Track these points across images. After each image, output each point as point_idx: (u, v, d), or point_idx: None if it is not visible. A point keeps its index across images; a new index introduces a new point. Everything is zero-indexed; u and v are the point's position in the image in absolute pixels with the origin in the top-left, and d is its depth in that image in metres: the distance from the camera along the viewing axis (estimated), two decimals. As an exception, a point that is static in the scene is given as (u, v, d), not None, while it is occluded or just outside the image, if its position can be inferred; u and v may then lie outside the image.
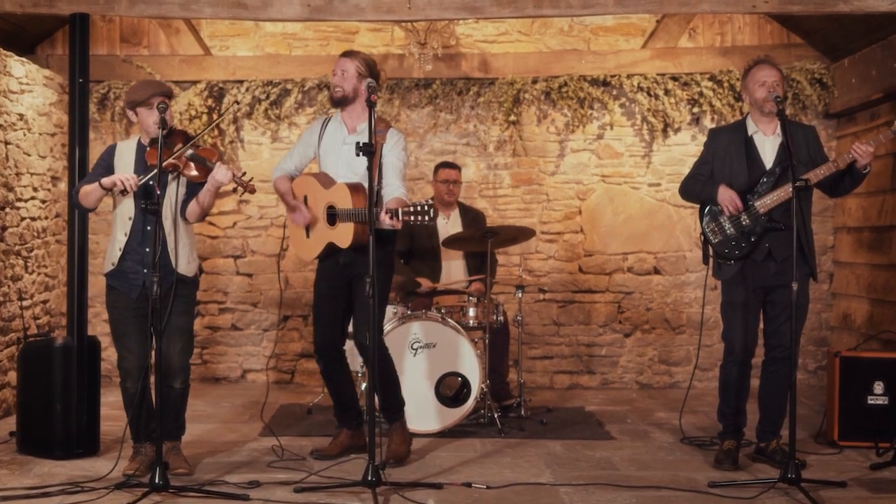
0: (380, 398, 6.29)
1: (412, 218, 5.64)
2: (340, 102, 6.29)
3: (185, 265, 5.95)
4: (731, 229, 6.27)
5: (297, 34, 9.47)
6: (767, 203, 6.17)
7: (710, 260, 6.43)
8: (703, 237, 6.45)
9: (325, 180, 6.28)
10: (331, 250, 6.26)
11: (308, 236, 6.38)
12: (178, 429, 6.20)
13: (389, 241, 6.35)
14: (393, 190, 6.17)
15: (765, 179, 6.23)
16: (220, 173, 5.75)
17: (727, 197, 6.22)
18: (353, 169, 6.13)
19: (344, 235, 6.11)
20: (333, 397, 6.57)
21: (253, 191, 5.91)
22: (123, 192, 5.74)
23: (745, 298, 6.31)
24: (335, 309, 6.40)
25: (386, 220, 5.74)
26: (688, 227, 9.38)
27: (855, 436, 6.89)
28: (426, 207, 5.63)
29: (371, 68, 6.25)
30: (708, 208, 6.41)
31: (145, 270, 5.82)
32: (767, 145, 6.33)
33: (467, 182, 9.29)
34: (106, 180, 5.74)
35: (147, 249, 5.81)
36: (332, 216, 6.19)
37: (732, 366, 6.41)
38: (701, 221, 6.46)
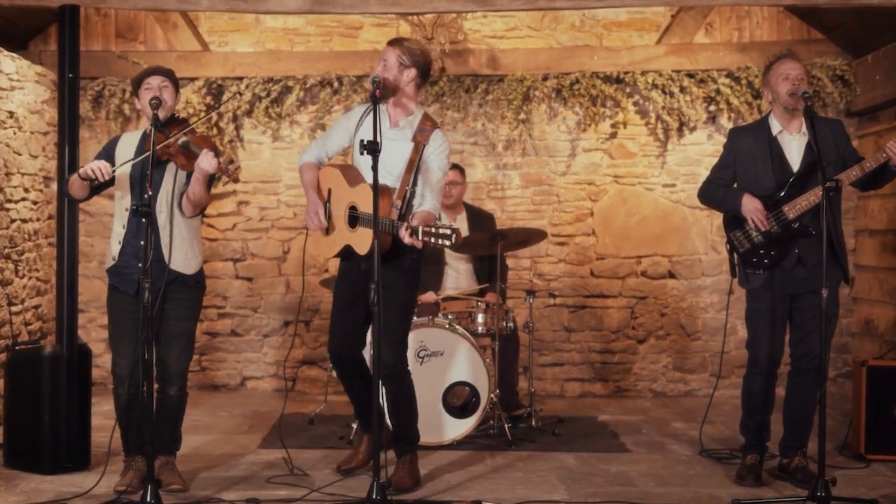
0: (394, 425, 5.93)
1: (431, 240, 5.28)
2: (383, 95, 5.71)
3: (180, 261, 5.64)
4: (759, 237, 5.94)
5: (299, 29, 9.17)
6: (797, 207, 5.84)
7: (738, 269, 6.09)
8: (729, 246, 6.11)
9: (352, 176, 5.84)
10: (349, 252, 5.84)
11: (327, 233, 5.94)
12: (174, 442, 5.90)
13: (413, 248, 5.91)
14: (424, 202, 5.79)
15: (792, 182, 5.91)
16: (205, 161, 5.40)
17: (751, 209, 5.90)
18: (388, 167, 5.64)
19: (363, 242, 5.66)
20: (354, 403, 6.21)
21: (237, 180, 5.55)
22: (95, 181, 5.48)
23: (771, 306, 5.99)
24: (355, 314, 5.94)
25: (406, 238, 5.38)
26: (703, 229, 9.08)
27: (883, 449, 6.58)
28: (449, 232, 5.26)
29: (417, 57, 5.82)
30: (732, 215, 6.08)
31: (140, 265, 5.51)
32: (794, 145, 6.00)
33: (475, 183, 9.01)
34: (82, 170, 5.50)
35: (142, 243, 5.49)
36: (354, 218, 5.77)
37: (756, 377, 6.10)
38: (726, 230, 6.13)
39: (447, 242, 5.27)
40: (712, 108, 8.97)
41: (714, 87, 8.88)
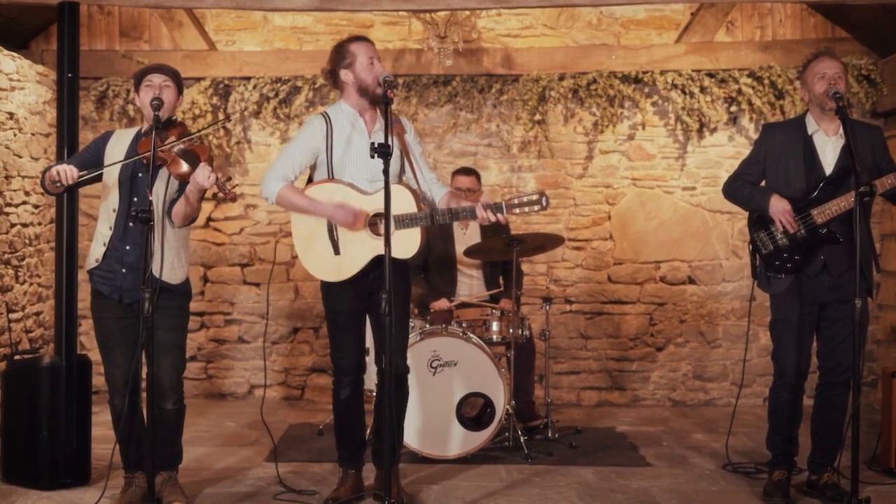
0: (389, 433, 5.40)
1: (516, 210, 5.15)
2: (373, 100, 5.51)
3: (168, 271, 5.33)
4: (784, 240, 5.68)
5: (308, 28, 8.94)
6: (827, 212, 5.57)
7: (759, 272, 5.83)
8: (751, 247, 5.85)
9: (356, 187, 5.46)
10: (368, 269, 5.46)
11: (338, 252, 5.46)
12: (174, 456, 5.63)
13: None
14: (437, 185, 5.60)
15: (824, 185, 5.64)
16: (202, 175, 5.11)
17: (780, 210, 5.64)
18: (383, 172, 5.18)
19: (406, 244, 5.30)
20: (346, 433, 5.70)
21: (234, 199, 5.19)
22: (58, 184, 5.19)
23: (798, 316, 5.71)
24: (362, 326, 5.67)
25: (489, 218, 5.17)
26: (724, 233, 8.82)
27: (915, 463, 6.33)
28: (536, 198, 5.10)
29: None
30: (758, 215, 5.82)
31: (123, 270, 5.29)
32: (829, 147, 5.71)
33: (489, 186, 8.76)
34: (52, 169, 5.20)
35: (127, 247, 5.29)
36: (376, 225, 5.39)
37: (783, 390, 5.83)
38: (750, 229, 5.87)
39: (536, 208, 5.12)
40: (734, 108, 8.71)
41: (735, 88, 8.62)
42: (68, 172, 5.16)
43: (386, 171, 4.98)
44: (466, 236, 7.55)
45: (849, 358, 5.52)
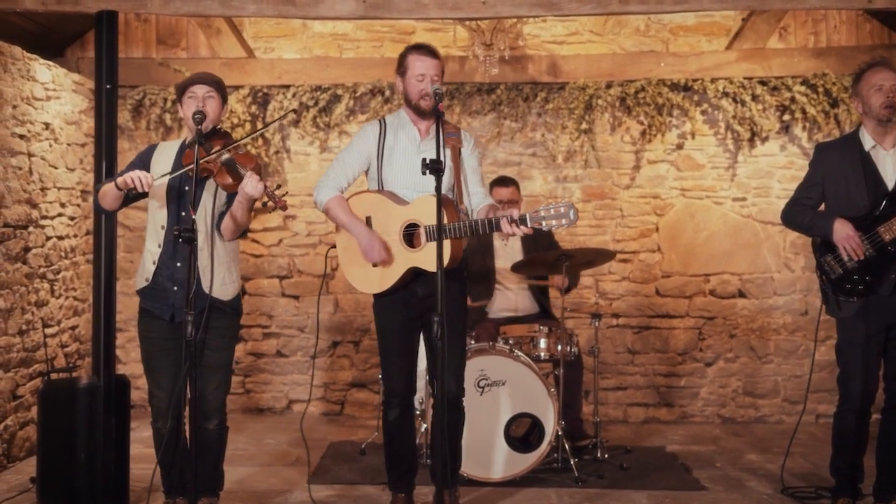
0: (448, 456, 5.22)
1: (543, 224, 4.83)
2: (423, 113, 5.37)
3: (218, 287, 5.18)
4: (853, 262, 5.43)
5: (349, 35, 8.73)
6: (895, 228, 5.33)
7: (829, 297, 5.58)
8: (819, 271, 5.60)
9: (397, 197, 5.32)
10: (405, 281, 5.32)
11: (374, 264, 5.34)
12: (216, 481, 5.44)
13: (462, 269, 5.48)
14: (481, 199, 5.38)
15: (888, 201, 5.39)
16: (250, 185, 4.93)
17: (844, 237, 5.39)
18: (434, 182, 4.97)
19: (433, 258, 4.99)
20: (395, 454, 5.53)
21: (284, 208, 4.99)
22: (133, 191, 5.02)
23: (865, 338, 5.47)
24: (413, 348, 5.45)
25: (510, 230, 4.91)
26: (776, 245, 8.56)
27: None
28: (564, 210, 4.80)
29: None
30: (822, 240, 5.58)
31: (175, 288, 5.12)
32: (888, 160, 5.50)
33: (534, 196, 8.53)
34: (121, 179, 5.01)
35: (178, 265, 5.10)
36: (410, 236, 5.23)
37: (849, 414, 5.59)
38: (816, 254, 5.62)
39: (564, 222, 4.81)
40: (786, 117, 8.44)
41: (788, 95, 8.35)
42: (144, 179, 4.97)
43: (438, 189, 4.75)
44: (507, 248, 7.33)
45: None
